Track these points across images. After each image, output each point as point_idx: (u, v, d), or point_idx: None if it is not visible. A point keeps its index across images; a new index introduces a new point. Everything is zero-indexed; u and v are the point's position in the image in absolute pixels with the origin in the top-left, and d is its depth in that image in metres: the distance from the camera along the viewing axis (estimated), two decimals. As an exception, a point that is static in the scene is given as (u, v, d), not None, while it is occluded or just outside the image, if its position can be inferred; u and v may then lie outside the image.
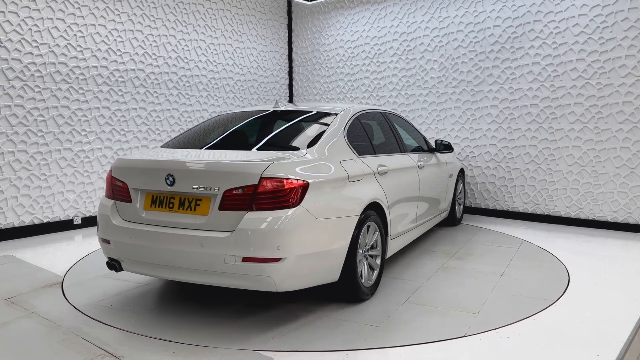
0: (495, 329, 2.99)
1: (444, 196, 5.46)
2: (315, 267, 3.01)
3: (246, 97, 8.05)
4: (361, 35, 7.90)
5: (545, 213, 6.31)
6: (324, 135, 3.46)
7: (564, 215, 6.17)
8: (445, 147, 5.33)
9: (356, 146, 3.69)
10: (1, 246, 5.04)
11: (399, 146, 4.51)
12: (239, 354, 2.69)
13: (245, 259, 2.78)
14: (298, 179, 2.90)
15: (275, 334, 2.93)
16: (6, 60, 5.17)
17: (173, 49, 6.82)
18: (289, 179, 2.86)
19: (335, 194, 3.16)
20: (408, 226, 4.36)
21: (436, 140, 5.34)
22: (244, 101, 8.02)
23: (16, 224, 5.39)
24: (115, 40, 6.12)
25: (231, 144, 3.60)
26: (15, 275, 4.09)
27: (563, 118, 6.07)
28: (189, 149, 3.50)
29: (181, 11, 6.90)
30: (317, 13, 8.47)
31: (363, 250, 3.43)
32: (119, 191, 3.28)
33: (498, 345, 2.77)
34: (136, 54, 6.37)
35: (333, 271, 3.14)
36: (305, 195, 2.91)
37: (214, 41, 7.41)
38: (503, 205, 6.68)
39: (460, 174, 6.18)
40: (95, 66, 5.95)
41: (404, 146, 4.62)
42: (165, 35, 6.71)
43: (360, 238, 3.33)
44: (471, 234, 5.69)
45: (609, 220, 5.85)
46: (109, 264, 3.31)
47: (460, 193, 6.21)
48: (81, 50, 5.80)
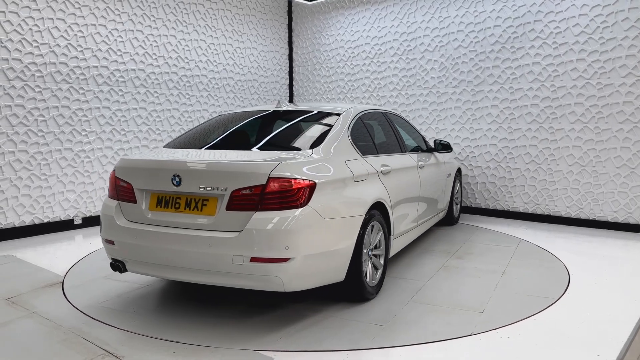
0: (496, 329, 2.99)
1: (442, 196, 5.48)
2: (322, 267, 3.01)
3: (246, 97, 8.05)
4: (361, 35, 7.90)
5: (546, 213, 6.31)
6: (329, 135, 3.45)
7: (565, 215, 6.17)
8: (444, 147, 5.34)
9: (360, 146, 3.69)
10: (2, 246, 5.05)
11: (400, 146, 4.51)
12: (239, 353, 2.68)
13: (253, 259, 2.78)
14: (306, 178, 2.90)
15: (282, 334, 2.93)
16: (7, 60, 5.18)
17: (173, 49, 6.83)
18: (296, 179, 2.86)
19: (342, 194, 3.16)
20: (409, 226, 4.37)
21: (435, 140, 5.35)
22: (244, 101, 8.02)
23: (17, 223, 5.40)
24: (115, 40, 6.13)
25: (236, 144, 3.58)
26: (15, 275, 4.10)
27: (563, 118, 6.07)
28: (194, 149, 3.47)
29: (181, 11, 6.90)
30: (318, 13, 8.47)
31: (367, 250, 3.43)
32: (123, 191, 3.25)
33: (498, 345, 2.77)
34: (136, 54, 6.37)
35: (339, 271, 3.14)
36: (313, 195, 2.91)
37: (214, 41, 7.41)
38: (503, 205, 6.68)
39: (458, 174, 6.19)
40: (96, 66, 5.95)
41: (405, 146, 4.63)
42: (166, 35, 6.72)
43: (365, 238, 3.33)
44: (469, 234, 5.70)
45: (610, 220, 5.84)
46: (112, 265, 3.27)
47: (457, 192, 6.22)
48: (82, 50, 5.80)
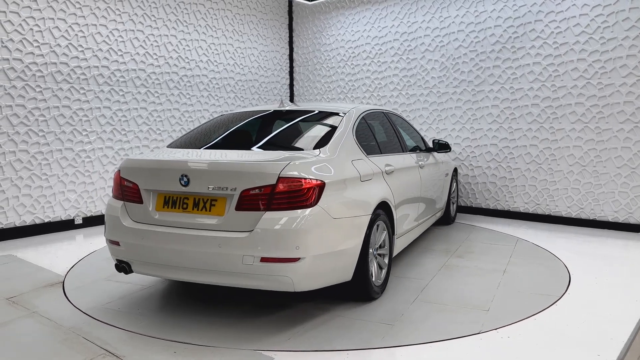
0: (496, 328, 2.99)
1: (440, 195, 5.50)
2: (331, 267, 3.01)
3: (247, 97, 8.05)
4: (362, 35, 7.89)
5: (546, 213, 6.31)
6: (335, 135, 3.44)
7: (565, 215, 6.16)
8: (442, 147, 5.34)
9: (364, 146, 3.70)
10: (2, 246, 5.05)
11: (401, 146, 4.53)
12: (240, 353, 2.68)
13: (263, 259, 2.77)
14: (315, 178, 2.90)
15: (291, 334, 2.93)
16: (7, 60, 5.18)
17: (174, 49, 6.83)
18: (306, 179, 2.86)
19: (349, 194, 3.16)
20: (411, 225, 4.39)
21: (434, 140, 5.35)
22: (244, 101, 8.02)
23: (17, 223, 5.40)
24: (116, 40, 6.13)
25: (241, 144, 3.54)
26: (16, 274, 4.10)
27: (564, 118, 6.07)
28: (200, 149, 3.44)
29: (182, 11, 6.91)
30: (318, 13, 8.47)
31: (373, 250, 3.44)
32: (128, 192, 3.22)
33: (499, 345, 2.77)
34: (137, 54, 6.37)
35: (347, 270, 3.15)
36: (322, 195, 2.91)
37: (214, 41, 7.41)
38: (504, 205, 6.68)
39: (454, 173, 6.22)
40: (97, 66, 5.96)
41: (406, 146, 4.65)
42: (166, 35, 6.72)
43: (371, 237, 3.34)
44: (466, 233, 5.73)
45: (610, 220, 5.84)
46: (117, 266, 3.23)
47: (453, 192, 6.25)
48: (82, 50, 5.80)
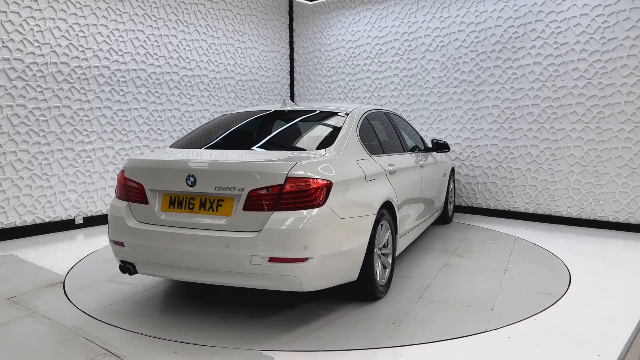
0: (497, 328, 2.99)
1: (439, 195, 5.52)
2: (338, 267, 3.01)
3: (247, 97, 8.06)
4: (362, 35, 7.89)
5: (547, 213, 6.31)
6: (340, 135, 3.44)
7: (566, 215, 6.16)
8: (441, 147, 5.34)
9: (367, 146, 3.70)
10: (3, 246, 5.05)
11: (402, 145, 4.54)
12: (240, 353, 2.69)
13: (272, 259, 2.77)
14: (322, 178, 2.90)
15: (299, 334, 2.93)
16: (8, 60, 5.18)
17: (174, 49, 6.83)
18: (314, 179, 2.86)
19: (355, 193, 3.17)
20: (412, 224, 4.41)
21: (432, 140, 5.35)
22: (245, 101, 8.02)
23: (18, 223, 5.40)
24: (116, 40, 6.13)
25: (246, 144, 3.50)
26: (16, 274, 4.10)
27: (565, 118, 6.06)
28: (204, 149, 3.43)
29: (182, 11, 6.91)
30: (319, 13, 8.47)
31: (377, 249, 3.44)
32: (133, 192, 3.19)
33: (499, 345, 2.77)
34: (138, 53, 6.37)
35: (353, 270, 3.15)
36: (330, 195, 2.91)
37: (215, 41, 7.41)
38: (504, 205, 6.67)
39: (452, 173, 6.25)
40: (97, 66, 5.96)
41: (406, 146, 4.65)
42: (167, 35, 6.72)
43: (376, 237, 3.34)
44: (464, 232, 5.75)
45: (611, 220, 5.84)
46: (122, 267, 3.21)
47: (451, 191, 6.27)
48: (83, 50, 5.80)
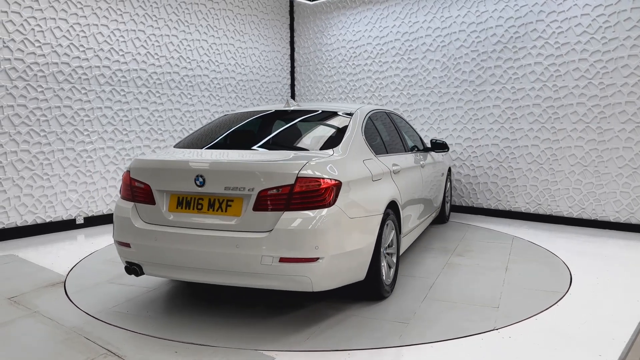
0: (497, 329, 2.99)
1: (437, 194, 5.54)
2: (347, 266, 3.01)
3: (248, 97, 8.06)
4: (363, 35, 7.89)
5: (548, 213, 6.30)
6: (346, 135, 3.44)
7: (567, 215, 6.15)
8: (440, 146, 5.33)
9: (372, 146, 3.70)
10: (4, 246, 5.06)
11: (404, 145, 4.55)
12: (240, 353, 2.69)
13: (282, 259, 2.76)
14: (332, 178, 2.90)
15: (308, 334, 2.93)
16: (9, 60, 5.19)
17: (175, 49, 6.83)
18: (324, 179, 2.86)
19: (363, 193, 3.17)
20: (415, 224, 4.43)
21: (431, 140, 5.35)
22: (246, 101, 8.02)
23: (19, 223, 5.41)
24: (117, 40, 6.13)
25: (251, 144, 3.46)
26: (17, 274, 4.10)
27: (565, 118, 6.06)
28: (210, 149, 3.40)
29: (183, 11, 6.91)
30: (319, 13, 8.47)
31: (383, 249, 3.45)
32: (139, 193, 3.15)
33: (500, 345, 2.77)
34: (138, 53, 6.37)
35: (361, 270, 3.15)
36: (339, 195, 2.91)
37: (216, 41, 7.41)
38: (505, 205, 6.67)
39: (448, 173, 6.27)
40: (98, 66, 5.96)
41: (407, 146, 4.66)
42: (168, 35, 6.72)
43: (382, 236, 3.35)
44: (462, 231, 5.77)
45: (612, 220, 5.83)
46: (127, 268, 3.18)
47: (447, 191, 6.29)
48: (84, 50, 5.81)
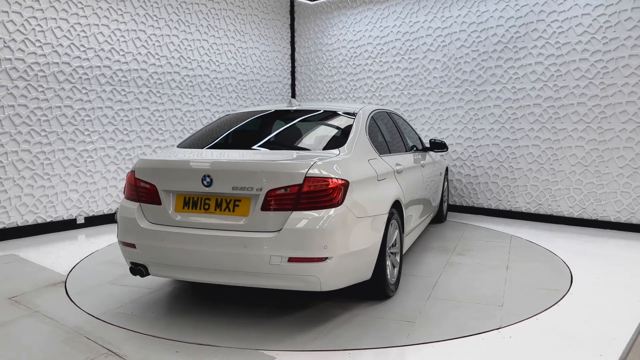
0: (498, 328, 2.99)
1: (436, 194, 5.57)
2: (354, 266, 3.01)
3: (249, 97, 8.06)
4: (364, 35, 7.89)
5: (548, 213, 6.30)
6: (351, 134, 3.44)
7: (567, 215, 6.15)
8: (439, 146, 5.33)
9: (375, 145, 3.70)
10: (4, 245, 5.06)
11: (405, 145, 4.56)
12: (241, 353, 2.69)
13: (291, 259, 2.76)
14: (339, 178, 2.90)
15: (316, 333, 2.93)
16: (10, 60, 5.19)
17: (176, 49, 6.83)
18: (332, 178, 2.86)
19: (369, 193, 3.17)
20: (416, 223, 4.44)
21: (431, 139, 5.35)
22: (246, 101, 8.02)
23: (19, 223, 5.41)
24: (118, 40, 6.14)
25: (255, 144, 3.44)
26: (18, 274, 4.11)
27: (566, 118, 6.05)
28: (214, 149, 3.38)
29: (184, 11, 6.91)
30: (320, 13, 8.47)
31: (388, 248, 3.45)
32: (145, 193, 3.13)
33: (500, 345, 2.77)
34: (139, 53, 6.38)
35: (368, 269, 3.15)
36: (347, 194, 2.91)
37: (216, 41, 7.41)
38: (506, 205, 6.67)
39: (446, 172, 6.30)
40: (99, 66, 5.96)
41: (408, 145, 4.67)
42: (168, 35, 6.72)
43: (387, 236, 3.35)
44: (460, 231, 5.79)
45: (612, 220, 5.83)
46: (132, 269, 3.15)
47: (445, 191, 6.30)
48: (84, 50, 5.81)
